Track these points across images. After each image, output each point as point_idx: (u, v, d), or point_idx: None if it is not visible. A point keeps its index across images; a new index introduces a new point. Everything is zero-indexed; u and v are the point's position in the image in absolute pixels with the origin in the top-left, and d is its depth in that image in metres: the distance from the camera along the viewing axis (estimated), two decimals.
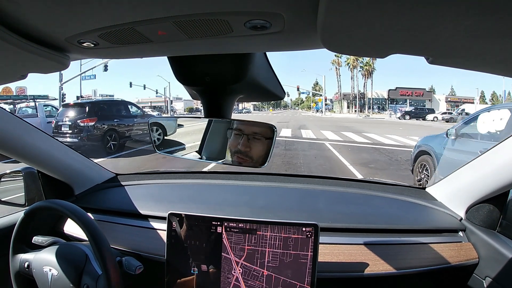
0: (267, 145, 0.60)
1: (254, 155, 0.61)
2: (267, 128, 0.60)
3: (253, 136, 0.61)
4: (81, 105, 8.04)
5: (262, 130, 0.61)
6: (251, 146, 0.61)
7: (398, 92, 41.22)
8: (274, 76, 0.72)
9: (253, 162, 0.61)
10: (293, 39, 0.42)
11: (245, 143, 0.61)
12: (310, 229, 0.75)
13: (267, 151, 0.60)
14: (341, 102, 45.17)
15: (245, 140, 0.61)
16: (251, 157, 0.61)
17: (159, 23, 0.37)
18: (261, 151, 0.60)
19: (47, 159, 1.01)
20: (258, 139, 0.61)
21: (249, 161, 0.61)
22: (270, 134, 0.60)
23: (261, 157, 0.60)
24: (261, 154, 0.60)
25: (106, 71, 18.06)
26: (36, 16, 0.37)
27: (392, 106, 39.12)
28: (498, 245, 0.81)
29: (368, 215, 0.99)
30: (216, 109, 0.63)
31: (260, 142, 0.61)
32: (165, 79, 38.20)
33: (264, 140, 0.60)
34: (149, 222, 1.01)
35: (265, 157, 0.60)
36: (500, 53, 0.32)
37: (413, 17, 0.26)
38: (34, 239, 0.86)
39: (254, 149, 0.61)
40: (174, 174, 1.40)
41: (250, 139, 0.61)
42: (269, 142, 0.60)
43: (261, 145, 0.61)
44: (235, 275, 0.78)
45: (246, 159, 0.61)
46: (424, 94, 40.79)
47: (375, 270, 0.81)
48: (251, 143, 0.61)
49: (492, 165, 0.81)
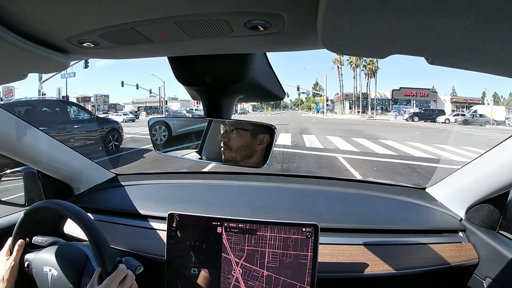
0: (266, 145, 0.60)
1: (233, 145, 0.62)
2: (267, 128, 0.60)
3: (233, 128, 0.62)
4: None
5: (262, 130, 0.61)
6: (230, 137, 0.62)
7: (402, 92, 40.00)
8: (274, 76, 0.72)
9: (232, 152, 0.62)
10: (293, 39, 0.42)
11: (224, 134, 0.62)
12: (310, 229, 0.75)
13: (267, 151, 0.60)
14: (343, 102, 44.09)
15: (225, 132, 0.62)
16: (229, 147, 0.62)
17: (159, 23, 0.37)
18: (239, 142, 0.62)
19: (47, 159, 1.02)
20: (238, 130, 0.62)
21: (228, 152, 0.62)
22: (270, 134, 0.60)
23: (239, 149, 0.62)
24: (239, 145, 0.62)
25: (86, 67, 17.69)
26: (36, 16, 0.37)
27: (396, 107, 38.25)
28: (498, 246, 0.81)
29: (368, 216, 0.99)
30: (216, 109, 0.63)
31: (239, 134, 0.62)
32: (159, 78, 38.07)
33: (245, 131, 0.62)
34: (149, 222, 1.01)
35: (265, 157, 0.60)
36: (500, 53, 0.32)
37: (413, 18, 0.26)
38: (34, 239, 0.86)
39: (233, 140, 0.62)
40: (174, 174, 1.40)
41: (229, 131, 0.62)
42: (269, 142, 0.60)
43: (240, 136, 0.62)
44: (235, 275, 0.78)
45: (226, 148, 0.63)
46: (428, 95, 39.60)
47: (375, 270, 0.81)
48: (230, 134, 0.62)
49: (492, 166, 0.81)
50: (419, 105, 36.62)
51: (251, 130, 0.62)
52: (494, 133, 13.84)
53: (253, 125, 0.62)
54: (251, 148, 0.61)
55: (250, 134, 0.62)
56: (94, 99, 47.50)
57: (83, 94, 50.20)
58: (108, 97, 48.61)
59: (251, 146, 0.61)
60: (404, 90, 39.97)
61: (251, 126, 0.62)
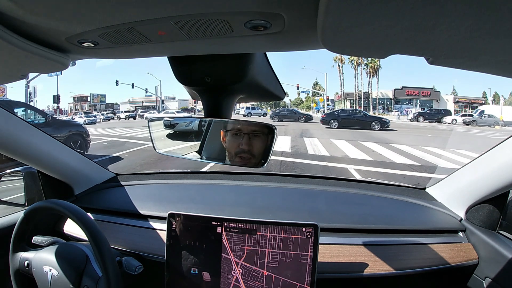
0: (267, 144, 0.60)
1: (256, 152, 0.62)
2: (266, 128, 0.60)
3: (253, 134, 0.62)
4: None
5: (262, 130, 0.61)
6: (253, 144, 0.62)
7: (404, 91, 39.19)
8: (274, 76, 0.72)
9: (255, 159, 0.62)
10: (293, 39, 0.42)
11: (247, 141, 0.62)
12: (310, 229, 0.75)
13: (267, 150, 0.60)
14: (343, 102, 43.50)
15: (247, 139, 0.62)
16: (253, 155, 0.62)
17: (159, 23, 0.37)
18: (261, 147, 0.61)
19: (47, 159, 1.02)
20: (257, 136, 0.62)
21: (252, 160, 0.62)
22: (270, 134, 0.60)
23: (261, 154, 0.61)
24: (261, 150, 0.61)
25: (74, 65, 17.68)
26: (36, 16, 0.37)
27: (398, 106, 37.69)
28: (498, 246, 0.81)
29: (368, 216, 0.99)
30: (216, 109, 0.63)
31: (259, 139, 0.62)
32: (156, 77, 37.79)
33: (262, 135, 0.62)
34: (149, 222, 1.01)
35: (265, 156, 0.60)
36: (500, 53, 0.32)
37: (413, 18, 0.26)
38: (34, 239, 0.86)
39: (255, 147, 0.62)
40: (174, 174, 1.40)
41: (251, 137, 0.62)
42: (269, 142, 0.60)
43: (261, 141, 0.62)
44: (235, 275, 0.78)
45: (249, 157, 0.62)
46: (431, 94, 38.85)
47: (375, 270, 0.81)
48: (252, 141, 0.62)
49: (492, 166, 0.81)
50: (422, 104, 36.16)
51: (263, 133, 0.62)
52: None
53: (259, 127, 0.62)
54: (268, 150, 0.61)
55: (262, 135, 0.62)
56: (91, 99, 47.36)
57: (80, 94, 50.08)
58: (105, 97, 48.50)
59: (267, 147, 0.61)
60: (406, 90, 39.25)
61: (259, 128, 0.62)
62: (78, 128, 6.67)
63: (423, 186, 1.15)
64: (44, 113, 6.68)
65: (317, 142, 9.22)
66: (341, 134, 11.67)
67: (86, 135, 6.69)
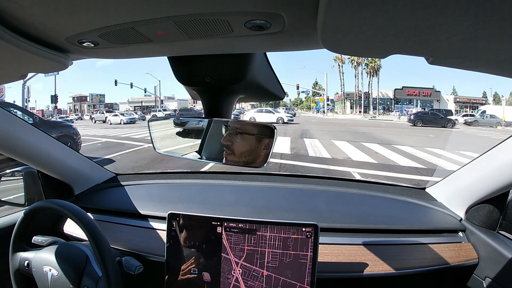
0: (265, 144, 0.60)
1: (236, 149, 0.60)
2: (266, 128, 0.60)
3: (237, 131, 0.60)
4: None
5: (262, 130, 0.61)
6: (233, 141, 0.61)
7: (404, 91, 38.97)
8: (274, 76, 0.72)
9: (235, 157, 0.61)
10: (293, 39, 0.42)
11: (226, 137, 0.61)
12: (309, 229, 0.75)
13: (267, 151, 0.60)
14: (344, 102, 43.28)
15: (228, 135, 0.61)
16: (232, 151, 0.61)
17: (159, 23, 0.37)
18: (245, 146, 0.60)
19: (47, 159, 1.02)
20: (244, 134, 0.60)
21: (231, 156, 0.61)
22: (270, 134, 0.60)
23: (245, 154, 0.60)
24: (243, 150, 0.60)
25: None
26: (36, 16, 0.37)
27: (398, 106, 37.55)
28: (498, 246, 0.81)
29: (368, 216, 0.99)
30: (216, 109, 0.63)
31: (248, 138, 0.60)
32: (155, 77, 37.82)
33: (256, 136, 0.60)
34: (149, 222, 1.01)
35: (265, 157, 0.60)
36: (500, 54, 0.32)
37: (413, 18, 0.26)
38: (34, 239, 0.86)
39: (236, 144, 0.60)
40: (174, 174, 1.40)
41: (233, 134, 0.61)
42: (270, 142, 0.60)
43: (249, 141, 0.60)
44: (234, 275, 0.78)
45: (228, 152, 0.61)
46: (431, 94, 38.66)
47: (375, 270, 0.81)
48: (233, 138, 0.61)
49: (491, 166, 0.81)
50: (422, 105, 35.99)
51: (257, 134, 0.59)
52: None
53: (257, 128, 0.61)
54: (256, 153, 0.59)
55: (256, 138, 0.60)
56: (90, 99, 47.22)
57: (79, 94, 49.99)
58: (104, 97, 48.37)
59: (256, 151, 0.59)
60: (406, 90, 39.07)
61: (256, 129, 0.61)
62: (68, 130, 6.58)
63: (423, 186, 1.15)
64: (32, 114, 6.54)
65: (318, 143, 8.98)
66: (342, 135, 11.43)
67: (77, 136, 6.60)
